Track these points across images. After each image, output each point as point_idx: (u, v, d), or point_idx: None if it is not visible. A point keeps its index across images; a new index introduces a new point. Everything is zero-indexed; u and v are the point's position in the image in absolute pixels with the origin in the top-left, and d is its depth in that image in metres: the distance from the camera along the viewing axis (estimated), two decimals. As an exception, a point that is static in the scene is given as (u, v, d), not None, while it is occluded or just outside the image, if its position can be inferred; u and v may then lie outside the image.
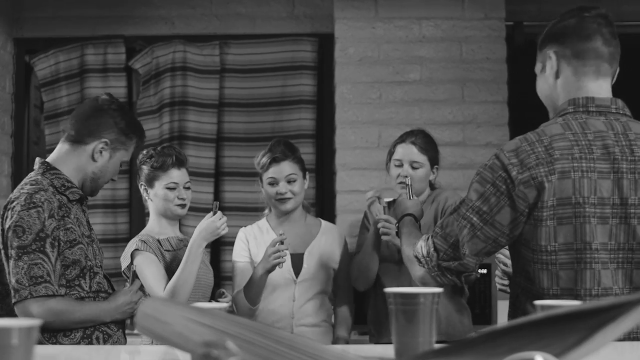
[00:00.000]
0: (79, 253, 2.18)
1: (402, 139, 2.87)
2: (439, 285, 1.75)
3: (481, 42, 3.73)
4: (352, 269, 2.93)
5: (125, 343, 2.31)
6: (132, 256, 2.64)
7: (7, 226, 2.12)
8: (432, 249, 1.77)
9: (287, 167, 2.84)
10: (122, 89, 3.98)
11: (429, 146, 2.86)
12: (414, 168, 2.80)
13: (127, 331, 2.37)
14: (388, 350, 1.29)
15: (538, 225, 1.65)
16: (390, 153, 2.89)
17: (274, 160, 2.84)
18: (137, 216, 3.93)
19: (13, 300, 2.10)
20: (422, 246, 1.80)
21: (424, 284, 1.80)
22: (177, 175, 2.74)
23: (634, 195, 1.63)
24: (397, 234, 2.12)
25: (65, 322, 2.14)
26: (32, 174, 2.25)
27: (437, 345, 1.13)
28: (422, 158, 2.82)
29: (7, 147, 3.98)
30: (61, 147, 2.30)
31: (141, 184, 2.78)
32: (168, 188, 2.72)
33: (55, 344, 2.13)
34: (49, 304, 2.09)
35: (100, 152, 2.27)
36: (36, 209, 2.11)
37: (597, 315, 0.95)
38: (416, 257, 1.80)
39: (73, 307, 2.14)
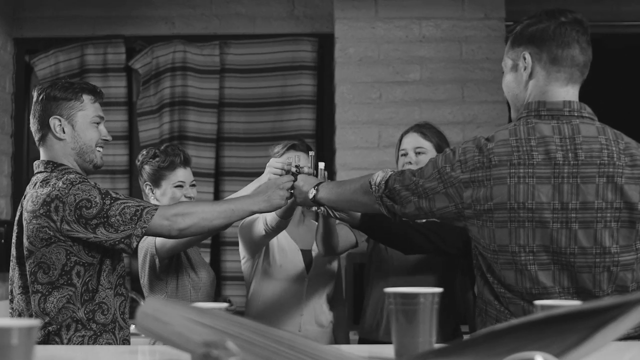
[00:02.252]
0: None
1: (406, 131, 2.82)
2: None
3: (481, 42, 3.73)
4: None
5: (129, 342, 2.30)
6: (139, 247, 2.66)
7: (68, 217, 2.07)
8: (384, 182, 1.88)
9: (304, 160, 2.79)
10: (122, 89, 3.98)
11: (434, 134, 2.75)
12: (417, 154, 2.69)
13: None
14: (388, 350, 1.29)
15: (480, 226, 1.72)
16: (398, 147, 2.83)
17: (293, 147, 2.79)
18: (137, 216, 3.92)
19: (134, 245, 2.09)
20: (379, 175, 1.92)
21: (366, 210, 2.07)
22: (183, 174, 2.77)
23: (574, 200, 1.66)
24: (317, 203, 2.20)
25: (201, 222, 2.14)
26: (41, 175, 2.20)
27: (437, 345, 1.13)
28: (426, 144, 2.70)
29: (7, 147, 3.98)
30: (41, 152, 2.28)
31: (147, 184, 2.77)
32: (176, 187, 2.74)
33: (91, 320, 2.12)
34: (165, 212, 2.11)
35: (63, 130, 2.22)
36: (80, 183, 2.10)
37: (597, 315, 0.95)
38: (369, 182, 1.92)
39: (191, 207, 2.17)
